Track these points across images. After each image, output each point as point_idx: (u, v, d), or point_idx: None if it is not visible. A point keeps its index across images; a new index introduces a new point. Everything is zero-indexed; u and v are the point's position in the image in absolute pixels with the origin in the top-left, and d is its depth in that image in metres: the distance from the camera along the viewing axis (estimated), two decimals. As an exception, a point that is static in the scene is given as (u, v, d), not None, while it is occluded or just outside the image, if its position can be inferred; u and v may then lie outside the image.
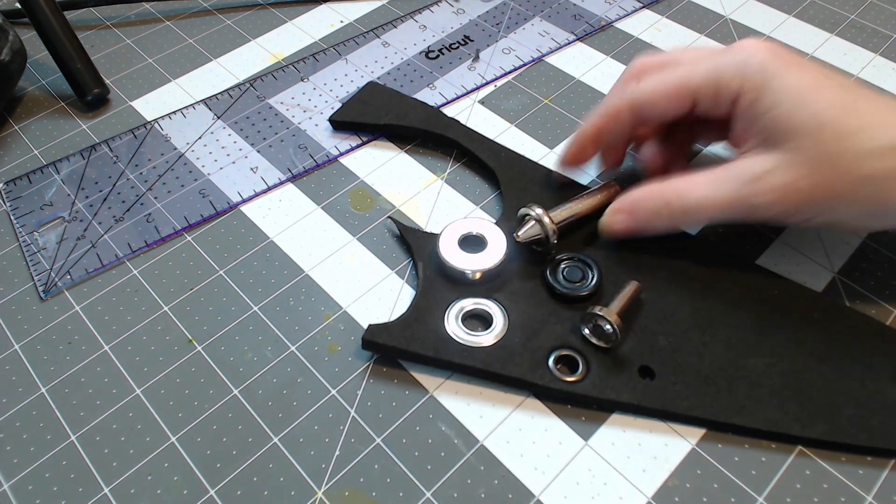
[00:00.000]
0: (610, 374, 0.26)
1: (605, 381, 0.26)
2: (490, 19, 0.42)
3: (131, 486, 0.25)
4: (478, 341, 0.27)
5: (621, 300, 0.27)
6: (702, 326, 0.27)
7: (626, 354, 0.27)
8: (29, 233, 0.32)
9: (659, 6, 0.42)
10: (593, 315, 0.26)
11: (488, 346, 0.27)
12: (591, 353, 0.27)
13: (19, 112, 0.38)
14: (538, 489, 0.24)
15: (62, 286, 0.30)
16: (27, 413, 0.27)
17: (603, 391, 0.26)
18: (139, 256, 0.31)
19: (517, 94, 0.38)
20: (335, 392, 0.27)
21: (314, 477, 0.25)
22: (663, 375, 0.26)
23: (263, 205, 0.33)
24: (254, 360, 0.28)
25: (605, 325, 0.26)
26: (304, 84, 0.38)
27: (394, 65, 0.39)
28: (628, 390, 0.26)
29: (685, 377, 0.26)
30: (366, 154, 0.35)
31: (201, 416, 0.26)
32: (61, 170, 0.35)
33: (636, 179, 0.30)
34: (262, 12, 0.43)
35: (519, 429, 0.26)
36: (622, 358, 0.26)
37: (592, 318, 0.26)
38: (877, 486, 0.24)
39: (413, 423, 0.26)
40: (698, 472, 0.25)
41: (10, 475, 0.25)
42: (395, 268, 0.30)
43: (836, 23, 0.41)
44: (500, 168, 0.33)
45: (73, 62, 0.37)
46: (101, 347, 0.28)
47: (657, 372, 0.26)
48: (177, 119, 0.37)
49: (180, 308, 0.29)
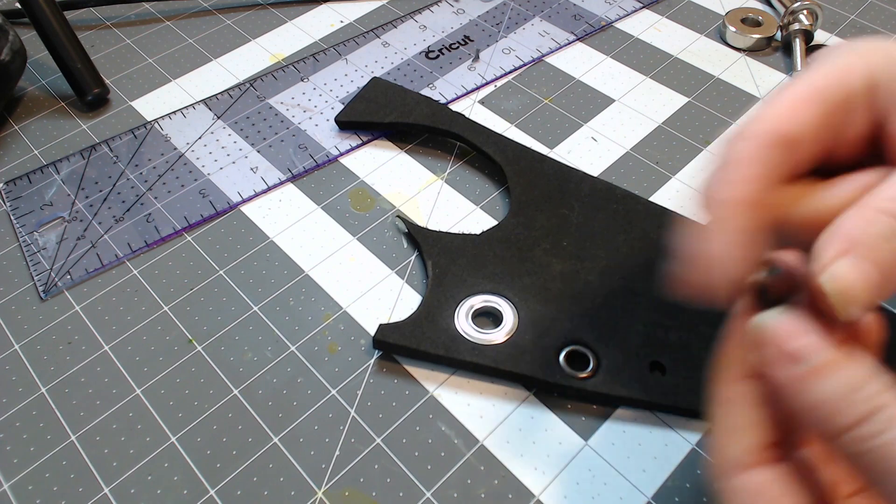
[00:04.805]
0: (620, 370, 0.26)
1: (615, 377, 0.26)
2: (490, 19, 0.42)
3: (131, 486, 0.25)
4: (488, 339, 0.27)
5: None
6: (712, 320, 0.27)
7: (636, 350, 0.27)
8: (29, 233, 0.32)
9: (659, 6, 0.42)
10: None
11: (499, 343, 0.27)
12: (601, 349, 0.27)
13: (19, 112, 0.38)
14: (538, 489, 0.24)
15: (62, 286, 0.30)
16: (27, 413, 0.27)
17: (614, 387, 0.26)
18: (139, 256, 0.31)
19: (517, 94, 0.38)
20: (335, 392, 0.27)
21: (314, 477, 0.25)
22: (674, 371, 0.26)
23: (263, 205, 0.33)
24: (254, 360, 0.28)
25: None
26: (304, 84, 0.38)
27: (394, 65, 0.39)
28: (639, 386, 0.26)
29: (696, 372, 0.26)
30: (366, 154, 0.35)
31: (201, 416, 0.26)
32: (61, 170, 0.35)
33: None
34: (262, 12, 0.43)
35: (519, 429, 0.26)
36: (633, 353, 0.26)
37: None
38: (877, 486, 0.24)
39: (413, 423, 0.26)
40: (698, 472, 0.25)
41: (10, 475, 0.25)
42: (395, 268, 0.30)
43: (837, 23, 0.41)
44: (508, 162, 0.33)
45: (73, 62, 0.37)
46: (101, 347, 0.28)
47: (668, 367, 0.26)
48: (177, 119, 0.37)
49: (180, 308, 0.29)
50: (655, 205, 0.31)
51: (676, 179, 0.33)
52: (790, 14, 0.39)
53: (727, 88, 0.37)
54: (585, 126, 0.36)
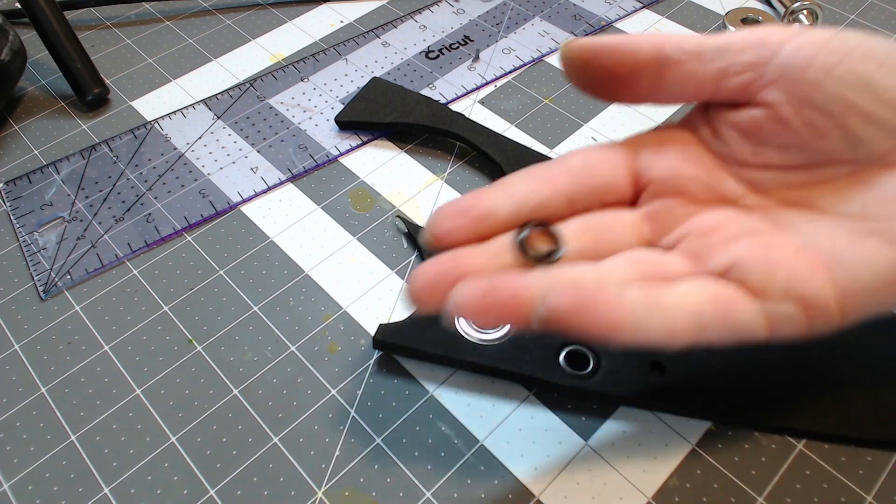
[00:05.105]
0: (620, 370, 0.26)
1: (615, 376, 0.26)
2: (490, 19, 0.42)
3: (131, 486, 0.25)
4: (488, 339, 0.27)
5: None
6: None
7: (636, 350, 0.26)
8: (29, 233, 0.32)
9: (659, 6, 0.42)
10: None
11: (499, 343, 0.27)
12: (601, 349, 0.27)
13: (19, 112, 0.38)
14: (538, 489, 0.24)
15: (62, 286, 0.30)
16: (27, 413, 0.27)
17: (614, 387, 0.26)
18: (139, 256, 0.31)
19: (517, 94, 0.38)
20: (335, 392, 0.27)
21: (314, 477, 0.25)
22: (674, 371, 0.26)
23: (263, 205, 0.33)
24: (254, 360, 0.28)
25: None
26: (304, 84, 0.38)
27: (394, 65, 0.39)
28: (639, 386, 0.26)
29: (696, 372, 0.26)
30: (366, 154, 0.35)
31: (201, 416, 0.26)
32: (61, 170, 0.35)
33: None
34: (262, 12, 0.43)
35: (519, 429, 0.26)
36: (632, 353, 0.26)
37: None
38: (877, 486, 0.24)
39: (413, 423, 0.26)
40: (698, 472, 0.25)
41: (10, 475, 0.25)
42: (395, 268, 0.30)
43: (837, 23, 0.41)
44: (508, 162, 0.33)
45: (73, 62, 0.37)
46: (101, 347, 0.28)
47: (668, 367, 0.26)
48: (177, 119, 0.37)
49: (180, 308, 0.29)
50: None
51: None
52: (790, 14, 0.39)
53: (727, 88, 0.37)
54: (585, 126, 0.36)
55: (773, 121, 0.20)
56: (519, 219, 0.21)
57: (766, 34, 0.21)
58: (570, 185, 0.22)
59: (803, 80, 0.20)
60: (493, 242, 0.20)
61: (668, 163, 0.22)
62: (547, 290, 0.18)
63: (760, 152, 0.21)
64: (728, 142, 0.22)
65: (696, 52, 0.21)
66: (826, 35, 0.20)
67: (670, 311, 0.19)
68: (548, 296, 0.18)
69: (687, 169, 0.22)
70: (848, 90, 0.19)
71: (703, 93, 0.22)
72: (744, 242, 0.20)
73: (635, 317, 0.18)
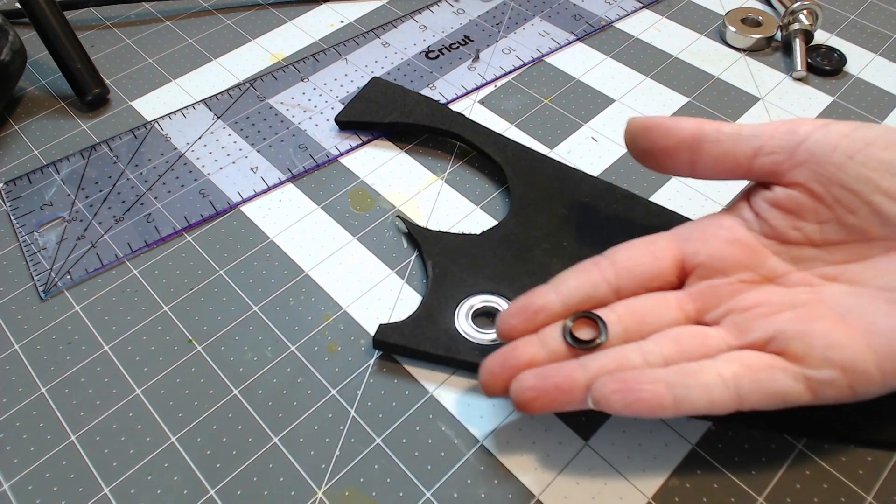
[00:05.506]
0: None
1: None
2: (490, 19, 0.42)
3: (131, 486, 0.25)
4: (488, 339, 0.27)
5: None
6: None
7: None
8: (29, 233, 0.32)
9: (659, 6, 0.42)
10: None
11: (499, 343, 0.27)
12: None
13: (19, 112, 0.38)
14: (538, 489, 0.24)
15: (62, 286, 0.30)
16: (27, 413, 0.27)
17: None
18: (139, 256, 0.31)
19: (517, 94, 0.38)
20: (335, 392, 0.27)
21: (314, 477, 0.25)
22: None
23: (263, 205, 0.33)
24: (254, 360, 0.28)
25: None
26: (304, 84, 0.38)
27: (394, 65, 0.39)
28: None
29: None
30: (366, 154, 0.35)
31: (201, 416, 0.26)
32: (61, 170, 0.35)
33: None
34: (262, 12, 0.43)
35: (518, 429, 0.26)
36: None
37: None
38: (877, 486, 0.24)
39: (413, 423, 0.26)
40: (698, 472, 0.25)
41: (10, 475, 0.25)
42: (395, 268, 0.30)
43: (837, 23, 0.41)
44: (507, 162, 0.33)
45: (73, 62, 0.37)
46: (101, 347, 0.28)
47: None
48: (177, 119, 0.37)
49: (180, 308, 0.29)
50: (655, 205, 0.31)
51: (676, 180, 0.33)
52: (790, 14, 0.39)
53: (727, 88, 0.37)
54: (585, 126, 0.36)
55: (807, 196, 0.23)
56: (568, 310, 0.24)
57: (796, 124, 0.24)
58: (615, 277, 0.24)
59: (829, 163, 0.22)
60: (545, 332, 0.24)
61: (713, 249, 0.24)
62: (591, 377, 0.22)
63: (800, 227, 0.23)
64: (769, 220, 0.24)
65: (733, 134, 0.24)
66: (850, 126, 0.23)
67: (707, 384, 0.21)
68: (593, 386, 0.21)
69: (731, 253, 0.24)
70: (871, 172, 0.22)
71: (739, 169, 0.24)
72: (785, 315, 0.22)
73: (674, 394, 0.21)
